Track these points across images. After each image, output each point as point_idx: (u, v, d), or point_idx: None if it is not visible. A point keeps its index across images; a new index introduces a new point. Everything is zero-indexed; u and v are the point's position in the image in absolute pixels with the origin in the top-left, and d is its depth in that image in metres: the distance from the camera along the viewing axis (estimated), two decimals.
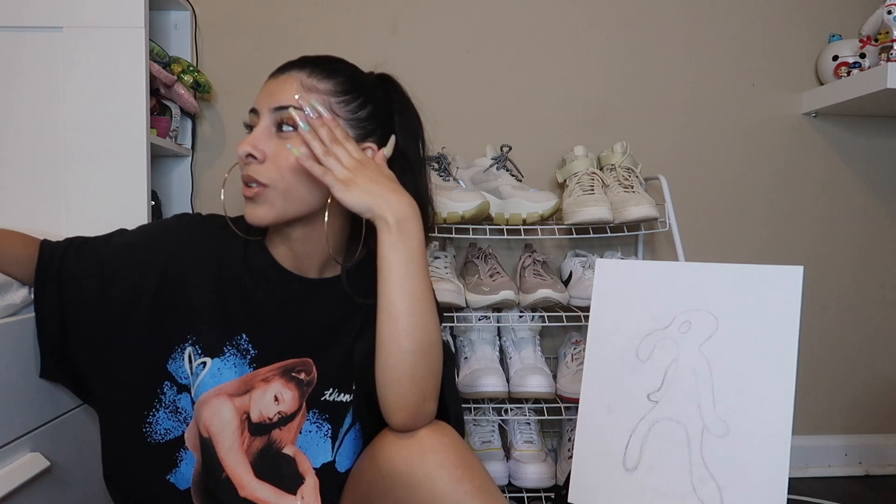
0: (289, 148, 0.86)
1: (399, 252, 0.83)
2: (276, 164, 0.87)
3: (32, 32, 1.30)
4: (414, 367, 0.83)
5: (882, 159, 1.94)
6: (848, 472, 1.92)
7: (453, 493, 0.81)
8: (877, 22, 1.69)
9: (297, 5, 1.79)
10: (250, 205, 0.89)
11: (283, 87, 0.89)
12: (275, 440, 0.93)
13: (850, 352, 1.95)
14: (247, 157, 0.87)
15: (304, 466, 0.93)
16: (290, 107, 0.87)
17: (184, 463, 0.93)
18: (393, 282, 0.84)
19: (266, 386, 0.92)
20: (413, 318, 0.83)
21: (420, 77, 1.84)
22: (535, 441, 1.60)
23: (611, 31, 1.87)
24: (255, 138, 0.87)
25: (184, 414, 0.93)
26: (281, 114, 0.87)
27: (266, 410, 0.92)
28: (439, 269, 1.57)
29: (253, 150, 0.87)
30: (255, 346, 0.93)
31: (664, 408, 1.10)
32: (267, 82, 0.92)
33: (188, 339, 0.92)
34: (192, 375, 0.92)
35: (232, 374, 0.91)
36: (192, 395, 0.92)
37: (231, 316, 0.92)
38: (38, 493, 0.94)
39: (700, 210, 1.89)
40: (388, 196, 0.84)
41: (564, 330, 1.74)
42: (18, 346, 0.92)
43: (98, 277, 0.92)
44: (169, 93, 1.60)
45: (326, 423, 0.94)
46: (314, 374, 0.94)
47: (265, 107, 0.89)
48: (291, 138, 0.87)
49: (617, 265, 1.22)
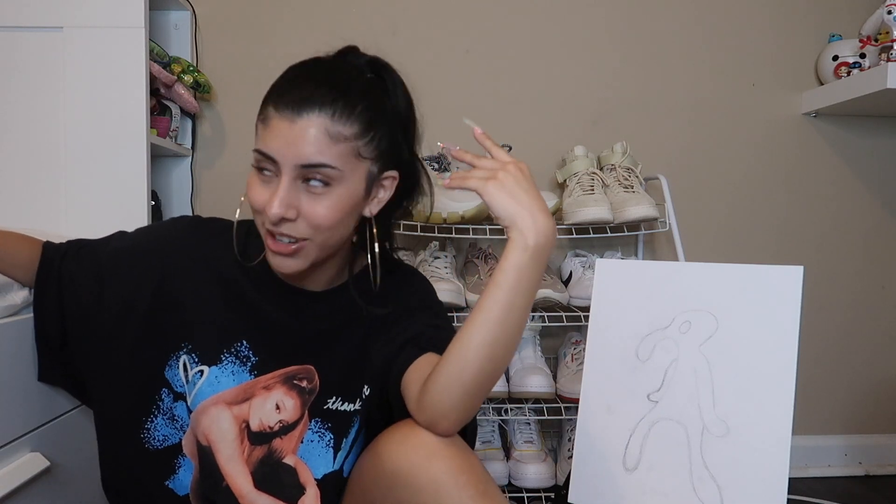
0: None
1: (524, 278, 0.79)
2: (311, 221, 0.82)
3: (32, 32, 1.30)
4: (483, 383, 0.82)
5: (882, 159, 1.94)
6: (848, 472, 1.92)
7: (456, 497, 0.80)
8: (877, 22, 1.69)
9: (297, 5, 1.79)
10: (281, 258, 0.84)
11: (306, 139, 0.79)
12: (275, 449, 0.91)
13: (851, 352, 1.95)
14: (281, 220, 0.81)
15: (304, 477, 0.92)
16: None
17: (182, 469, 0.93)
18: (499, 300, 0.79)
19: (267, 394, 0.91)
20: (502, 334, 0.80)
21: (420, 77, 1.84)
22: (535, 441, 1.60)
23: (611, 30, 1.87)
24: (286, 199, 0.80)
25: (180, 422, 0.92)
26: (309, 171, 0.80)
27: (267, 419, 0.90)
28: (439, 269, 1.57)
29: (286, 212, 0.80)
30: (255, 352, 0.91)
31: (664, 408, 1.10)
32: (279, 121, 0.80)
33: (182, 346, 0.91)
34: (187, 384, 0.91)
35: (230, 381, 0.90)
36: (189, 403, 0.91)
37: (232, 322, 0.91)
38: (38, 493, 0.94)
39: (700, 210, 1.89)
40: (537, 213, 0.79)
41: (564, 330, 1.74)
42: (18, 346, 0.92)
43: (96, 280, 0.92)
44: (169, 93, 1.60)
45: (329, 432, 0.93)
46: (316, 382, 0.92)
47: (289, 162, 0.79)
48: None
49: (617, 265, 1.22)
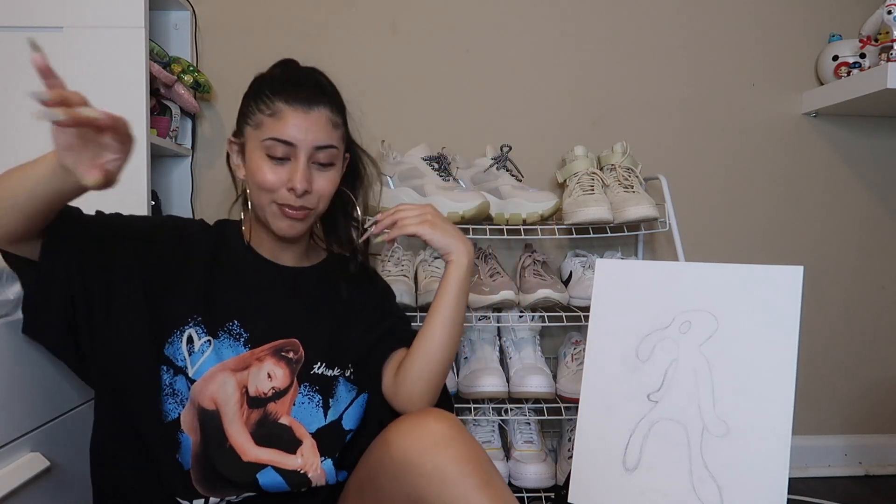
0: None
1: (462, 289, 1.06)
2: (320, 193, 1.00)
3: (32, 32, 1.30)
4: (442, 372, 1.06)
5: (882, 159, 1.94)
6: (848, 472, 1.92)
7: (461, 484, 0.87)
8: (877, 22, 1.69)
9: (298, 5, 1.79)
10: (293, 222, 1.00)
11: (319, 126, 0.98)
12: (271, 412, 0.99)
13: (851, 352, 1.95)
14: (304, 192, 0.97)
15: (300, 432, 1.00)
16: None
17: (182, 445, 0.96)
18: (450, 306, 1.05)
19: (260, 364, 1.00)
20: (454, 332, 1.06)
21: (420, 77, 1.85)
22: (535, 441, 1.60)
23: (611, 30, 1.87)
24: (307, 175, 0.98)
25: (180, 396, 0.96)
26: (321, 153, 0.98)
27: (261, 386, 0.99)
28: (439, 268, 1.57)
29: (308, 186, 0.97)
30: (246, 329, 1.00)
31: (664, 408, 1.10)
32: (294, 113, 0.97)
33: (189, 320, 0.97)
34: (189, 356, 0.96)
35: (230, 353, 0.98)
36: (191, 374, 0.96)
37: (224, 304, 1.00)
38: (38, 493, 0.94)
39: (700, 210, 1.89)
40: (462, 239, 1.06)
41: (564, 330, 1.74)
42: (18, 345, 0.92)
43: (108, 241, 0.96)
44: (169, 93, 1.60)
45: (317, 394, 1.03)
46: (301, 353, 1.03)
47: (305, 144, 0.97)
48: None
49: (617, 265, 1.22)
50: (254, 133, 0.99)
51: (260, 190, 0.99)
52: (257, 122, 0.98)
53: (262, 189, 0.98)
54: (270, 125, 0.97)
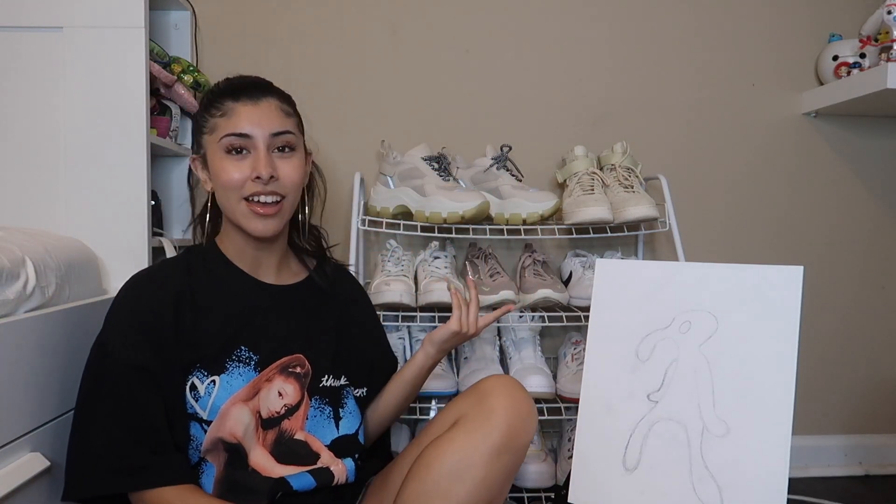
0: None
1: (427, 366, 1.18)
2: (287, 179, 1.01)
3: (32, 32, 1.30)
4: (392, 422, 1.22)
5: (882, 159, 1.94)
6: (848, 472, 1.93)
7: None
8: (877, 22, 1.69)
9: (297, 5, 1.79)
10: (265, 220, 1.00)
11: (271, 114, 1.01)
12: (285, 430, 1.01)
13: (851, 352, 1.95)
14: (270, 178, 0.98)
15: (316, 446, 1.03)
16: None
17: (205, 474, 0.97)
18: (416, 387, 1.19)
19: (269, 385, 1.00)
20: (414, 395, 1.22)
21: (420, 77, 1.85)
22: (535, 441, 1.60)
23: (611, 30, 1.87)
24: (268, 160, 0.99)
25: (195, 441, 0.97)
26: (279, 139, 1.01)
27: (273, 406, 1.00)
28: (439, 268, 1.57)
29: (274, 171, 0.99)
30: (255, 352, 1.01)
31: (664, 408, 1.10)
32: (244, 107, 0.99)
33: (191, 370, 0.97)
34: (198, 401, 0.96)
35: (241, 382, 0.98)
36: (205, 416, 0.96)
37: (228, 334, 1.00)
38: (38, 493, 0.94)
39: (700, 210, 1.89)
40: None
41: (564, 330, 1.74)
42: (18, 345, 0.92)
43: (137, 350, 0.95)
44: (169, 93, 1.60)
45: (328, 406, 1.06)
46: (308, 367, 1.05)
47: (261, 133, 0.99)
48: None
49: (617, 265, 1.22)
50: (210, 138, 1.01)
51: (227, 190, 0.99)
52: (212, 126, 1.01)
53: (228, 188, 0.99)
54: (224, 124, 0.99)
